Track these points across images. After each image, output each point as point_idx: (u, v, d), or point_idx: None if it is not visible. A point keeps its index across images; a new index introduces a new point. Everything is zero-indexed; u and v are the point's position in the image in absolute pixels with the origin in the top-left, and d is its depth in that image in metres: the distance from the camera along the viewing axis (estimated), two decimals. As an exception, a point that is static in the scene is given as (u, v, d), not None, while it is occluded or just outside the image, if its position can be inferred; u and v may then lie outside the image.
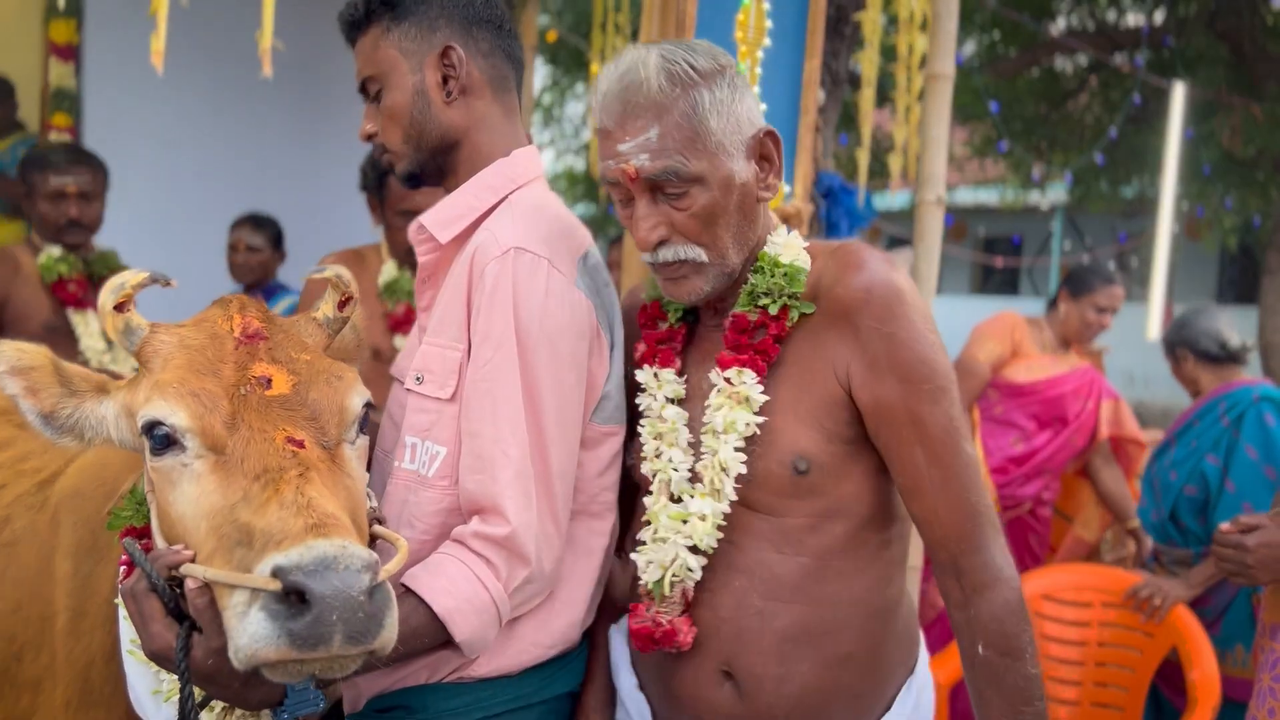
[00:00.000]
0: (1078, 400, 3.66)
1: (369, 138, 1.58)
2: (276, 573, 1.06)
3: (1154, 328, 8.26)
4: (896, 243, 16.72)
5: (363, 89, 1.58)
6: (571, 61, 11.18)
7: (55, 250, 3.26)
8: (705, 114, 1.37)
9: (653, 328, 1.58)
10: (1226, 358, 3.27)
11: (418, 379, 1.50)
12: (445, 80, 1.52)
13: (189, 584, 1.16)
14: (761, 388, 1.44)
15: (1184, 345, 3.35)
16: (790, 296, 1.45)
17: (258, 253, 4.08)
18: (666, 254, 1.43)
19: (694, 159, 1.37)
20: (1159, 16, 9.94)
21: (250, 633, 1.06)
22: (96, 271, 3.31)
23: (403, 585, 1.39)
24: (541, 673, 1.54)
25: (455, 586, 1.38)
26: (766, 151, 1.45)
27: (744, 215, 1.44)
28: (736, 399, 1.44)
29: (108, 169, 3.32)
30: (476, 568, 1.39)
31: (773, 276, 1.46)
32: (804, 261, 1.48)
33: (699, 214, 1.40)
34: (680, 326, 1.57)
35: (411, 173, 1.58)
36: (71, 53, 4.19)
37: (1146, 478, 3.41)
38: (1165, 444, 3.37)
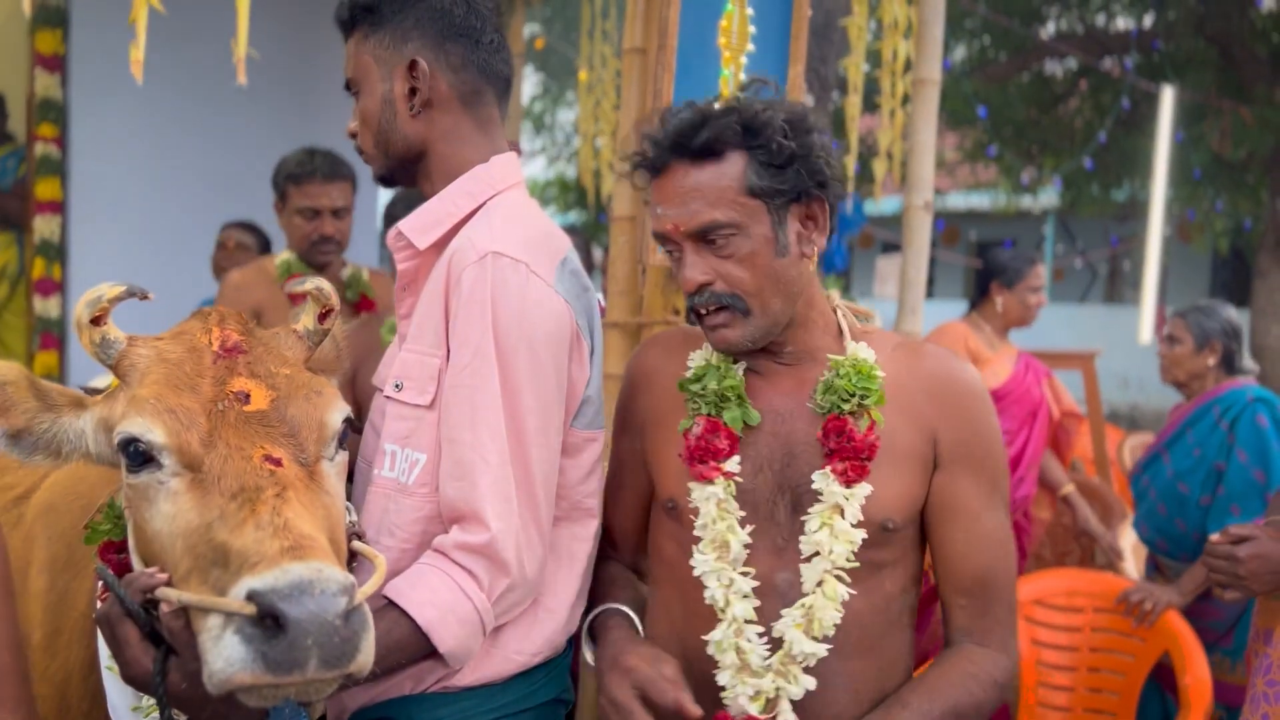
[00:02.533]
0: (1036, 388, 3.68)
1: (352, 136, 1.61)
2: (251, 596, 1.04)
3: (1146, 331, 8.29)
4: (889, 248, 16.78)
5: (348, 88, 1.61)
6: (561, 69, 11.19)
7: (290, 257, 2.99)
8: None
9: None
10: (1238, 372, 3.22)
11: (397, 386, 1.49)
12: (412, 92, 1.52)
13: (163, 607, 1.15)
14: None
15: (1222, 341, 3.18)
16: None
17: (246, 251, 4.07)
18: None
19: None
20: (1148, 20, 9.98)
21: (225, 657, 1.05)
22: (347, 297, 3.03)
23: (384, 598, 1.37)
24: (527, 680, 1.52)
25: (437, 597, 1.37)
26: None
27: None
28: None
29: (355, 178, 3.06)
30: (458, 578, 1.38)
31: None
32: None
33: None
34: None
35: (382, 176, 1.60)
36: (57, 63, 4.18)
37: (1140, 493, 3.35)
38: (1154, 455, 3.30)
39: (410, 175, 1.59)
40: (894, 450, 1.46)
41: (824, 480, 1.44)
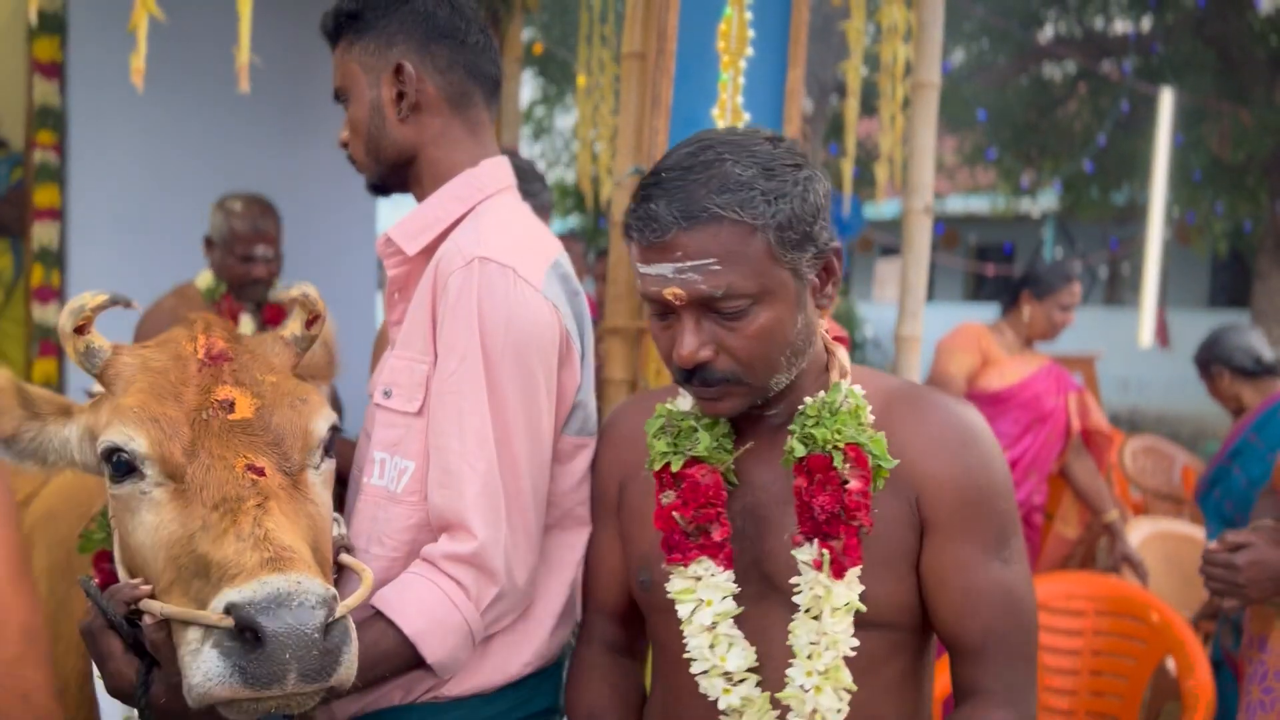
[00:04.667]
0: (1050, 397, 3.66)
1: (344, 145, 1.59)
2: (230, 609, 1.03)
3: (1146, 334, 8.28)
4: (888, 252, 16.79)
5: (337, 98, 1.59)
6: (560, 74, 11.20)
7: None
8: None
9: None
10: (1264, 371, 3.28)
11: (386, 393, 1.48)
12: (399, 96, 1.51)
13: (146, 619, 1.14)
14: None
15: (1219, 362, 3.34)
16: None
17: None
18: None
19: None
20: (1146, 23, 10.00)
21: (203, 670, 1.04)
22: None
23: (372, 607, 1.37)
24: (518, 690, 1.51)
25: (425, 607, 1.36)
26: None
27: None
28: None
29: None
30: (447, 587, 1.37)
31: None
32: None
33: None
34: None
35: (375, 184, 1.59)
36: (55, 70, 4.16)
37: (1214, 508, 3.32)
38: (1221, 468, 3.27)
39: (402, 181, 1.58)
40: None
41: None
